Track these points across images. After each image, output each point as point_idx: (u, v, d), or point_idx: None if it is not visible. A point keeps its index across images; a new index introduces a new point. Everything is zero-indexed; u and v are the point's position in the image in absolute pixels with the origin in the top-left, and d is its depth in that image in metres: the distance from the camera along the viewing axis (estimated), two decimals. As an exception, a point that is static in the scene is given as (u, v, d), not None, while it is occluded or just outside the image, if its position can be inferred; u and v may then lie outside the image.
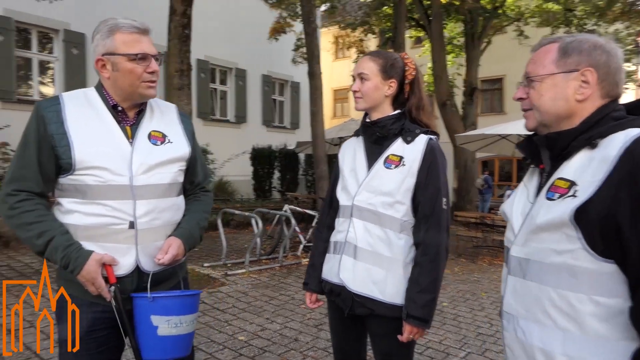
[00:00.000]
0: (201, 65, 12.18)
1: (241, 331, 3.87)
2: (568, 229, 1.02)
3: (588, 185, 1.01)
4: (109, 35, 1.48)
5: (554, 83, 1.14)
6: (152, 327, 1.45)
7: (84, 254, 1.42)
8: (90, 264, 1.41)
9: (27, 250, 6.54)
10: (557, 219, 1.04)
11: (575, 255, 1.01)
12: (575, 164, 1.09)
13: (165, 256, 1.50)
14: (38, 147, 1.46)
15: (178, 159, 1.61)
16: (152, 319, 1.45)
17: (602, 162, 1.01)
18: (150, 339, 1.47)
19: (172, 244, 1.54)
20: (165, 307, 1.47)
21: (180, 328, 1.48)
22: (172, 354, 1.49)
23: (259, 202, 11.14)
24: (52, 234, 1.43)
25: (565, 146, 1.13)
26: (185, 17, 4.98)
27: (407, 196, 1.69)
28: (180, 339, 1.49)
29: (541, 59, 1.18)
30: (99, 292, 1.44)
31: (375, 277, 1.69)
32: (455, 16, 13.37)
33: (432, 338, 3.93)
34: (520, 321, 1.15)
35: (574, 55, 1.13)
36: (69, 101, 1.52)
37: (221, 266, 6.13)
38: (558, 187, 1.08)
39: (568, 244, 1.02)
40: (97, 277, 1.43)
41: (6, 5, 8.71)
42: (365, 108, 1.81)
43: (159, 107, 1.67)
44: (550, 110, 1.16)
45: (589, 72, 1.11)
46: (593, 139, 1.07)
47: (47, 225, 1.44)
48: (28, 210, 1.44)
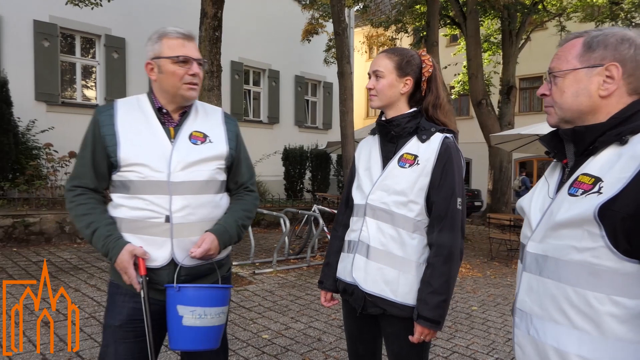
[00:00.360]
0: (235, 66, 12.39)
1: (265, 329, 3.91)
2: (591, 226, 0.98)
3: (615, 181, 0.97)
4: (157, 41, 1.64)
5: (577, 79, 1.11)
6: (178, 317, 1.52)
7: (120, 245, 1.55)
8: (124, 254, 1.53)
9: (67, 246, 6.85)
10: (580, 216, 1.00)
11: (597, 253, 0.98)
12: (602, 160, 1.05)
13: (197, 250, 1.58)
14: (93, 147, 1.63)
15: (216, 157, 1.69)
16: (178, 309, 1.52)
17: (631, 159, 0.97)
18: (176, 329, 1.53)
19: (205, 238, 1.61)
20: (190, 297, 1.53)
21: (204, 320, 1.52)
22: (197, 345, 1.54)
23: (290, 202, 11.22)
24: (97, 225, 1.58)
25: (592, 141, 1.09)
26: (215, 19, 5.07)
27: (420, 196, 1.66)
28: (206, 330, 1.53)
29: (565, 54, 1.15)
30: (131, 281, 1.54)
31: (387, 276, 1.67)
32: (492, 13, 13.01)
33: (458, 342, 3.84)
34: (534, 319, 1.11)
35: (599, 50, 1.09)
36: (122, 106, 1.69)
37: (249, 265, 6.21)
38: (582, 182, 1.04)
39: (590, 241, 0.99)
40: (129, 267, 1.53)
41: (51, 12, 9.15)
42: (380, 106, 1.79)
43: (204, 110, 1.79)
44: (572, 106, 1.12)
45: (613, 67, 1.07)
46: (623, 135, 1.03)
47: (94, 217, 1.60)
48: (81, 203, 1.63)
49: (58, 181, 7.67)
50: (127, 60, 10.38)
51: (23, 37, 8.89)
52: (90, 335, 3.50)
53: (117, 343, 1.62)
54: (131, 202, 1.60)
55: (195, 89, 1.66)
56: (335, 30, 7.39)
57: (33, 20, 8.98)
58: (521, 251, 1.22)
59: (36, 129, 8.33)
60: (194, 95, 1.67)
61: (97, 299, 4.42)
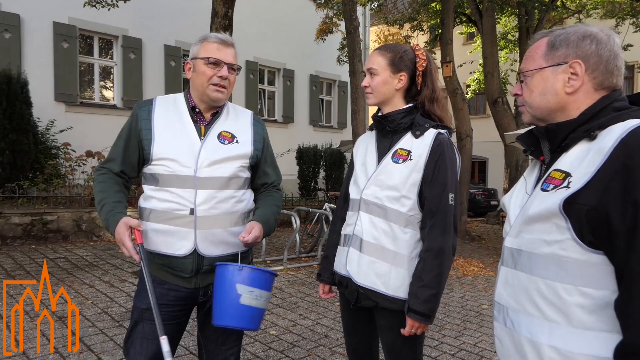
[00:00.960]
0: (250, 66, 12.49)
1: (273, 326, 3.95)
2: (558, 220, 1.01)
3: (581, 176, 1.00)
4: (198, 43, 1.77)
5: (543, 77, 1.15)
6: (237, 295, 1.58)
7: (117, 218, 1.64)
8: (119, 226, 1.62)
9: (83, 243, 7.01)
10: (548, 209, 1.03)
11: (564, 245, 1.00)
12: (573, 155, 1.07)
13: (248, 235, 1.68)
14: (128, 137, 1.77)
15: (240, 156, 1.78)
16: (237, 287, 1.58)
17: (597, 153, 0.99)
18: (233, 305, 1.59)
19: (254, 226, 1.72)
20: (251, 278, 1.61)
21: (259, 301, 1.62)
22: (247, 324, 1.63)
23: (303, 201, 11.27)
24: (105, 202, 1.70)
25: (564, 138, 1.11)
26: (226, 18, 5.13)
27: (413, 191, 1.67)
28: (257, 311, 1.63)
29: (532, 54, 1.19)
30: (130, 253, 1.61)
31: (379, 270, 1.68)
32: (509, 10, 12.83)
33: (467, 340, 3.82)
34: (510, 312, 1.14)
35: (562, 48, 1.13)
36: (160, 103, 1.80)
37: (260, 263, 6.26)
38: (553, 178, 1.08)
39: (557, 234, 1.02)
40: (125, 238, 1.61)
41: (70, 14, 9.37)
42: (375, 103, 1.81)
43: (235, 111, 1.89)
44: (540, 105, 1.16)
45: (576, 64, 1.10)
46: (592, 130, 1.05)
47: (106, 194, 1.73)
48: (100, 181, 1.78)
49: (75, 180, 7.86)
50: (144, 60, 10.55)
51: (43, 38, 9.12)
52: (102, 330, 3.58)
53: (144, 323, 1.74)
54: (159, 194, 1.71)
55: (221, 91, 1.74)
56: (347, 29, 7.40)
57: (53, 22, 9.21)
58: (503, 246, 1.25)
59: (55, 129, 8.54)
60: (220, 97, 1.75)
61: (110, 294, 4.52)
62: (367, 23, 15.17)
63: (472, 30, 14.56)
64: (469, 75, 15.63)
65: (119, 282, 4.98)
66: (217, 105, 1.81)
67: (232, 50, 1.79)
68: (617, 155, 0.95)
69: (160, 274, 1.75)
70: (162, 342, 1.56)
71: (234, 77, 1.79)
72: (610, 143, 0.97)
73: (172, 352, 1.81)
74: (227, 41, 1.78)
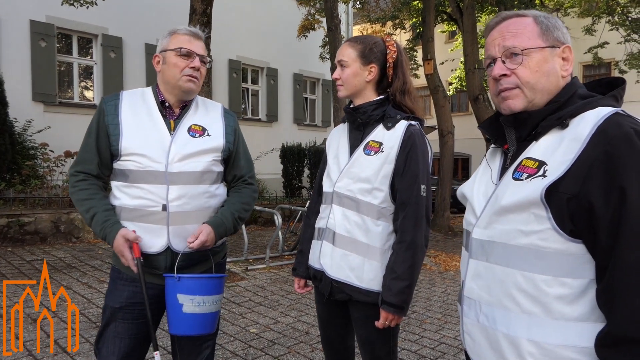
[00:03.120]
0: (233, 65, 12.41)
1: (254, 324, 3.92)
2: (537, 209, 0.98)
3: (559, 164, 0.98)
4: (168, 36, 1.74)
5: (544, 57, 1.08)
6: (178, 305, 1.61)
7: (115, 229, 1.63)
8: (118, 239, 1.62)
9: (62, 245, 6.88)
10: (526, 199, 1.00)
11: (544, 235, 0.98)
12: (544, 144, 1.05)
13: (195, 241, 1.66)
14: (97, 134, 1.71)
15: (212, 150, 1.76)
16: (178, 297, 1.60)
17: (573, 141, 0.98)
18: (177, 316, 1.62)
19: (202, 230, 1.69)
20: (189, 287, 1.61)
21: (203, 307, 1.62)
22: (197, 330, 1.64)
23: (287, 199, 11.23)
24: (96, 211, 1.66)
25: (534, 126, 1.08)
26: (204, 15, 5.08)
27: (384, 183, 1.67)
28: (204, 317, 1.63)
29: (521, 32, 1.08)
30: (128, 263, 1.62)
31: (352, 263, 1.68)
32: (489, 8, 12.96)
33: (447, 334, 3.85)
34: (483, 306, 1.10)
35: (555, 31, 1.09)
36: (127, 97, 1.76)
37: (243, 261, 6.22)
38: (526, 167, 1.05)
39: (536, 224, 0.99)
40: (125, 250, 1.61)
41: (48, 12, 9.18)
42: (346, 95, 1.80)
43: (204, 105, 1.87)
44: (545, 87, 1.08)
45: (568, 50, 1.09)
46: (564, 118, 1.04)
47: (94, 202, 1.68)
48: (83, 189, 1.71)
49: (54, 181, 7.71)
50: (124, 59, 10.40)
51: (20, 37, 8.93)
52: (79, 333, 3.52)
53: (117, 323, 1.72)
54: (130, 190, 1.68)
55: (194, 81, 1.72)
56: (329, 26, 7.41)
57: (29, 20, 9.01)
58: (465, 238, 1.22)
59: (33, 129, 8.36)
60: (192, 87, 1.73)
61: (87, 296, 4.44)
62: (350, 21, 15.19)
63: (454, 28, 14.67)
64: (451, 72, 15.76)
65: (97, 283, 4.90)
66: (188, 98, 1.79)
67: (202, 43, 1.79)
68: (596, 143, 0.94)
69: (133, 272, 1.71)
70: (156, 357, 1.63)
71: (204, 70, 1.78)
72: (587, 131, 0.96)
73: (146, 350, 1.80)
74: (197, 34, 1.77)
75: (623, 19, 11.88)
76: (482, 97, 11.08)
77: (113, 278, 1.80)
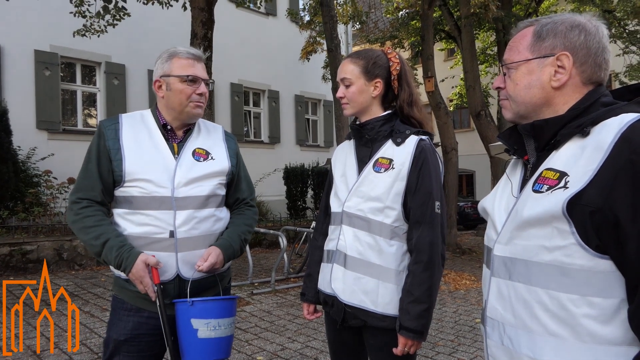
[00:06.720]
0: (235, 88, 12.48)
1: (261, 351, 3.81)
2: (560, 223, 0.92)
3: (581, 175, 0.91)
4: (168, 60, 1.68)
5: (529, 70, 1.07)
6: (193, 331, 1.54)
7: (134, 254, 1.55)
8: (138, 264, 1.53)
9: (64, 273, 6.78)
10: (548, 212, 0.94)
11: (568, 251, 0.91)
12: (565, 153, 0.99)
13: (204, 264, 1.60)
14: (98, 159, 1.65)
15: (218, 173, 1.73)
16: (192, 322, 1.54)
17: (595, 150, 0.92)
18: (192, 342, 1.54)
19: (211, 252, 1.64)
20: (204, 310, 1.55)
21: (219, 331, 1.56)
22: (214, 356, 1.56)
23: (292, 220, 11.14)
24: (108, 237, 1.57)
25: (553, 135, 1.03)
26: (205, 40, 5.11)
27: (397, 201, 1.60)
28: (219, 341, 1.57)
29: (517, 45, 1.10)
30: (147, 290, 1.55)
31: (366, 286, 1.60)
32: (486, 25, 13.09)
33: (461, 357, 3.71)
34: (507, 328, 1.03)
35: (549, 39, 1.05)
36: (127, 120, 1.71)
37: (248, 285, 6.11)
38: (547, 178, 0.99)
39: (559, 239, 0.92)
40: (145, 276, 1.54)
41: (52, 42, 9.29)
42: (353, 113, 1.75)
43: (206, 127, 1.83)
44: (524, 99, 1.08)
45: (564, 57, 1.02)
46: (584, 126, 0.97)
47: (104, 229, 1.59)
48: (89, 215, 1.61)
49: (57, 208, 7.66)
50: (127, 86, 10.48)
51: (24, 66, 9.01)
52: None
53: (121, 356, 1.63)
54: (135, 217, 1.62)
55: (201, 107, 1.70)
56: (328, 47, 7.46)
57: (34, 50, 9.11)
58: (486, 255, 1.15)
59: (36, 157, 8.37)
60: (200, 112, 1.71)
61: (89, 325, 4.33)
62: (349, 41, 15.34)
63: (452, 46, 14.81)
64: (451, 89, 15.84)
65: (100, 311, 4.79)
66: (192, 122, 1.75)
67: (203, 64, 1.76)
68: (620, 151, 0.87)
69: (138, 302, 1.64)
70: None
71: (208, 92, 1.75)
72: (610, 138, 0.90)
73: None
74: (198, 55, 1.73)
75: (620, 31, 11.94)
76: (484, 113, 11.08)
77: (115, 308, 1.71)
